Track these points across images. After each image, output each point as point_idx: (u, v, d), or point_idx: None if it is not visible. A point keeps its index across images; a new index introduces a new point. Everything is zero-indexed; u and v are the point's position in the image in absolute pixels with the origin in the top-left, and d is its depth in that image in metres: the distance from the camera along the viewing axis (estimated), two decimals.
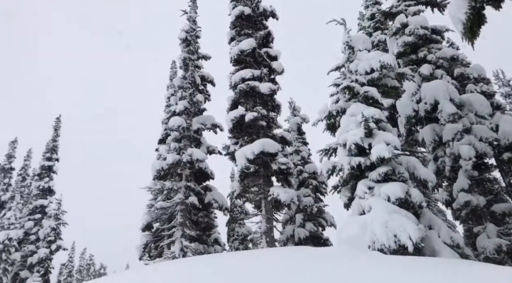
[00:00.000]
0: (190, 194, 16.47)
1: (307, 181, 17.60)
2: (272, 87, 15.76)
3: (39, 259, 23.93)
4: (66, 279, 39.35)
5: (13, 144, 30.50)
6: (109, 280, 10.09)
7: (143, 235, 17.19)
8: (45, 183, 26.88)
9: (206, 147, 18.20)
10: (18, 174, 31.02)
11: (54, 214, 25.72)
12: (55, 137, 28.14)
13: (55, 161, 27.85)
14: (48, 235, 24.95)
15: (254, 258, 7.71)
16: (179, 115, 17.30)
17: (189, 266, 8.47)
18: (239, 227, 21.27)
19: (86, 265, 49.50)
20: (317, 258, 6.87)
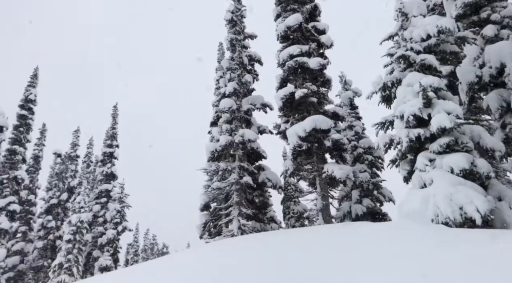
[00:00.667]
0: (244, 174, 16.73)
1: (362, 157, 17.19)
2: (322, 61, 15.39)
3: (107, 239, 25.68)
4: (133, 258, 42.07)
5: (76, 133, 32.53)
6: (172, 258, 10.62)
7: (202, 215, 17.79)
8: (108, 169, 28.54)
9: (256, 127, 18.30)
10: (83, 161, 33.14)
11: (118, 197, 27.34)
12: (114, 125, 29.62)
13: (115, 147, 29.41)
14: (114, 217, 26.64)
15: (320, 233, 7.72)
16: (229, 97, 17.47)
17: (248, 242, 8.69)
18: (294, 205, 21.37)
19: (150, 244, 52.48)
20: (380, 232, 6.74)
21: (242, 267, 6.18)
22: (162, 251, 53.87)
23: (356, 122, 18.24)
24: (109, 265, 24.46)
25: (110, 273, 14.50)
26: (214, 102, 19.98)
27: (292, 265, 5.57)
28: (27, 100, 24.51)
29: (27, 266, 26.84)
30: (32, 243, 27.91)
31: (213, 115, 19.75)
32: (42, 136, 30.68)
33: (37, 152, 30.02)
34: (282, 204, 21.97)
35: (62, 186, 30.16)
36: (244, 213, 16.24)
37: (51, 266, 22.11)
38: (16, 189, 24.06)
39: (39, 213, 29.32)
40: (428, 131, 9.24)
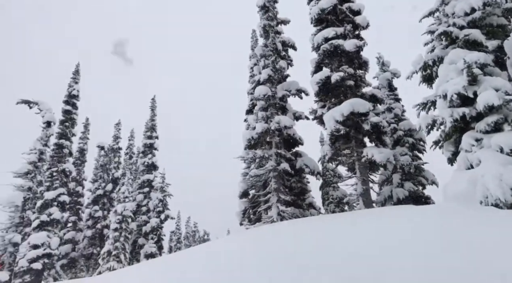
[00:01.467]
0: (281, 160, 16.73)
1: (402, 139, 16.71)
2: (358, 43, 14.97)
3: (151, 227, 26.60)
4: (176, 245, 43.49)
5: (117, 126, 33.72)
6: (215, 244, 10.85)
7: (241, 202, 18.02)
8: (149, 159, 29.43)
9: (292, 114, 18.19)
10: (125, 153, 34.35)
11: (160, 187, 28.18)
12: (153, 117, 30.40)
13: (155, 138, 30.23)
14: (156, 206, 27.51)
15: (360, 217, 7.63)
16: (264, 84, 17.42)
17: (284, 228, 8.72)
18: (333, 191, 21.19)
19: (192, 232, 53.96)
20: (424, 215, 6.56)
21: (282, 251, 6.22)
22: (203, 238, 55.25)
23: (395, 104, 17.71)
24: (153, 252, 25.37)
25: (158, 258, 15.05)
26: (249, 90, 20.00)
27: (331, 250, 5.54)
28: (70, 95, 25.55)
29: (79, 253, 28.36)
30: (82, 232, 29.42)
31: (248, 103, 19.81)
32: (86, 130, 32.01)
33: (82, 145, 31.37)
34: (321, 190, 21.83)
35: (106, 177, 31.48)
36: (283, 199, 16.28)
37: (100, 254, 23.21)
38: (64, 181, 25.24)
39: (87, 203, 30.80)
40: (474, 110, 8.83)
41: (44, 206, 23.33)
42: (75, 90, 25.92)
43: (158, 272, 7.71)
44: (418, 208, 7.86)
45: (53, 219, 23.20)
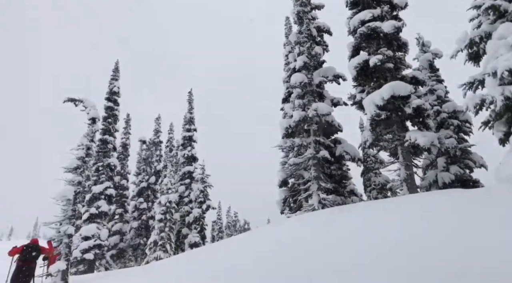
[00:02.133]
0: (320, 148, 16.56)
1: (446, 122, 16.06)
2: (396, 24, 14.44)
3: (194, 218, 27.26)
4: (218, 235, 44.40)
5: (157, 120, 34.66)
6: (258, 232, 10.96)
7: (281, 191, 18.06)
8: (188, 152, 30.06)
9: (330, 100, 17.91)
10: (166, 146, 35.26)
11: (200, 178, 28.75)
12: (190, 110, 30.95)
13: (193, 131, 30.81)
14: (198, 196, 28.13)
15: (404, 203, 7.45)
16: (299, 71, 17.24)
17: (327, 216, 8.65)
18: (375, 177, 20.77)
19: (232, 221, 54.87)
20: (476, 199, 6.29)
21: (326, 238, 6.19)
22: (244, 227, 56.04)
23: (437, 86, 17.01)
24: (197, 241, 26.03)
25: (205, 247, 15.41)
26: (284, 78, 19.87)
27: (373, 236, 5.44)
28: (111, 92, 26.48)
29: (126, 244, 29.60)
30: (128, 223, 30.65)
31: (284, 91, 19.69)
32: (127, 125, 33.10)
33: (124, 140, 32.50)
34: (362, 177, 21.47)
35: (149, 170, 32.51)
36: (323, 187, 16.16)
37: (147, 244, 24.10)
38: (110, 175, 26.30)
39: (132, 196, 32.00)
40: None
41: (93, 200, 24.49)
42: (115, 87, 26.82)
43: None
44: (468, 192, 7.55)
45: (102, 212, 24.31)
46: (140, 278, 9.87)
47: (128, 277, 11.38)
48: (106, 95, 26.41)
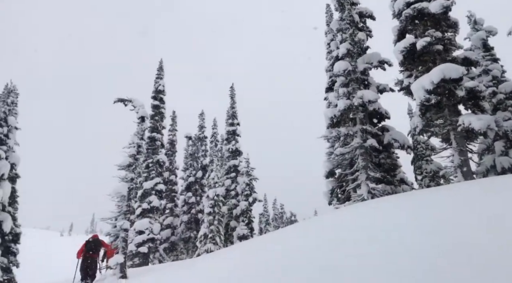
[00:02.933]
0: (367, 137, 16.17)
1: (504, 103, 15.09)
2: (444, 3, 13.70)
3: (241, 210, 27.63)
4: (265, 227, 44.78)
5: (201, 116, 35.34)
6: (304, 224, 10.89)
7: (328, 182, 17.87)
8: (233, 146, 30.44)
9: (375, 87, 17.40)
10: (210, 141, 35.92)
11: (245, 171, 29.04)
12: (233, 104, 31.25)
13: (236, 125, 31.12)
14: (244, 190, 28.45)
15: (458, 191, 7.11)
16: (343, 59, 16.88)
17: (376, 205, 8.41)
18: (426, 164, 19.96)
19: (279, 213, 55.08)
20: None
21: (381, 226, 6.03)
22: (291, 219, 56.07)
23: (492, 65, 16.01)
24: (245, 233, 26.38)
25: (253, 239, 15.60)
26: (327, 67, 19.53)
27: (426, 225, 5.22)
28: (157, 91, 27.29)
29: (177, 237, 30.57)
30: (178, 217, 31.61)
31: (327, 80, 19.38)
32: (174, 122, 33.98)
33: (171, 137, 33.42)
34: (413, 164, 20.72)
35: (196, 165, 33.27)
36: (372, 176, 15.78)
37: (198, 237, 24.76)
38: (159, 171, 27.20)
39: (181, 190, 32.94)
40: None
41: (144, 195, 25.47)
42: (160, 86, 27.60)
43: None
44: None
45: (153, 207, 25.24)
46: (193, 269, 10.16)
47: (181, 268, 11.75)
48: (152, 93, 27.24)
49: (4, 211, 19.70)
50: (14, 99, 22.13)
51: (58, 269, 38.72)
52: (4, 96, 21.79)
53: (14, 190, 21.50)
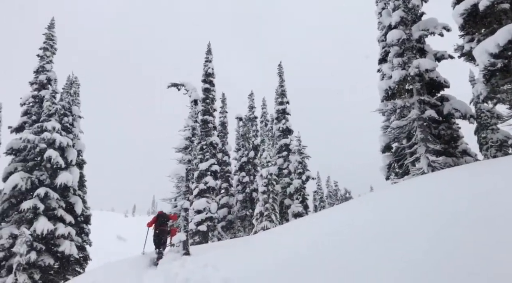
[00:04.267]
0: (426, 107, 15.45)
1: None
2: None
3: (295, 189, 27.75)
4: (320, 204, 44.73)
5: (250, 96, 35.53)
6: (366, 199, 10.74)
7: (384, 156, 17.39)
8: (283, 125, 30.41)
9: (433, 55, 16.47)
10: (260, 121, 36.14)
11: (297, 149, 28.96)
12: (281, 83, 31.05)
13: (286, 104, 30.96)
14: (296, 168, 28.46)
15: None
16: (396, 28, 16.08)
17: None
18: (492, 133, 18.73)
19: (333, 190, 54.66)
20: None
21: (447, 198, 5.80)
22: (345, 196, 55.46)
23: None
24: (300, 211, 26.53)
25: (307, 217, 15.70)
26: (379, 37, 18.71)
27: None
28: (207, 74, 27.68)
29: (234, 216, 31.44)
30: (234, 196, 32.41)
31: (380, 51, 18.61)
32: (224, 104, 34.48)
33: (222, 119, 34.01)
34: (476, 134, 19.53)
35: (247, 145, 33.71)
36: (432, 149, 15.12)
37: (254, 215, 25.29)
38: (213, 152, 27.84)
39: (234, 171, 33.65)
40: None
41: (200, 176, 26.29)
42: (210, 69, 27.96)
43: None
44: None
45: (209, 187, 26.01)
46: (252, 245, 10.45)
47: (241, 245, 12.11)
48: (202, 77, 27.69)
49: (75, 195, 21.25)
50: (76, 90, 23.52)
51: (124, 248, 41.39)
52: (67, 87, 23.21)
53: (82, 175, 23.10)
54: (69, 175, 20.14)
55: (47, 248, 18.96)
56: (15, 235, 18.07)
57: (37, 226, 18.13)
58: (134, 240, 23.63)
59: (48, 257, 18.63)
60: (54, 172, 20.10)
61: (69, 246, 19.27)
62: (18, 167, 19.72)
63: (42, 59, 22.59)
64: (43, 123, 20.30)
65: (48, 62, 22.67)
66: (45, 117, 20.47)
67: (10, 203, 19.11)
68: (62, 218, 19.55)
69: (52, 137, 19.86)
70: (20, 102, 21.93)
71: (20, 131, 21.25)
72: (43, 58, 22.60)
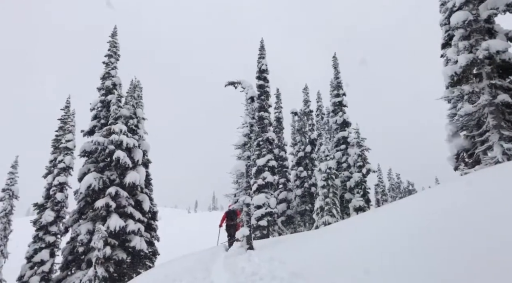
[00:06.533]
0: (498, 92, 14.35)
1: None
2: None
3: (355, 182, 27.11)
4: (382, 198, 43.32)
5: (305, 90, 35.22)
6: (428, 193, 10.22)
7: (451, 146, 16.42)
8: (340, 117, 29.81)
9: (504, 35, 15.22)
10: (316, 114, 35.70)
11: (356, 142, 28.25)
12: (337, 74, 30.43)
13: (342, 96, 30.31)
14: (356, 161, 27.78)
15: None
16: (461, 9, 15.10)
17: None
18: None
19: (395, 183, 52.68)
20: None
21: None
22: (408, 189, 53.24)
23: None
24: (361, 205, 25.89)
25: (370, 211, 15.30)
26: (441, 21, 17.66)
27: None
28: (261, 70, 27.83)
29: (293, 211, 31.42)
30: (292, 191, 32.38)
31: (443, 35, 17.57)
32: (278, 99, 34.48)
33: (277, 114, 34.02)
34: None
35: (304, 140, 33.48)
36: (507, 136, 14.03)
37: (314, 210, 25.11)
38: (270, 148, 27.97)
39: (291, 166, 33.59)
40: None
41: (259, 172, 26.54)
42: (263, 65, 28.08)
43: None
44: None
45: (267, 182, 26.19)
46: (315, 240, 10.36)
47: (308, 238, 12.06)
48: (257, 74, 27.89)
49: (142, 192, 22.41)
50: (139, 93, 24.76)
51: (190, 243, 42.98)
52: (131, 91, 24.49)
53: (147, 174, 24.30)
54: (136, 174, 21.27)
55: (119, 244, 20.20)
56: (91, 231, 19.45)
57: (110, 223, 19.37)
58: (198, 235, 24.47)
59: (121, 252, 19.85)
60: (122, 172, 21.33)
61: (139, 242, 20.38)
62: (91, 168, 21.19)
63: (108, 66, 24.03)
64: (111, 126, 21.60)
65: (113, 68, 24.07)
66: (112, 120, 21.76)
67: (86, 202, 20.60)
68: (131, 215, 20.72)
69: (120, 138, 21.08)
70: (90, 107, 23.52)
71: (91, 134, 22.81)
72: (108, 65, 24.04)
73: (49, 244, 23.00)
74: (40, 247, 22.72)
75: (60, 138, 26.36)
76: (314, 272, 7.27)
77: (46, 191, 24.58)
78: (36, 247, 22.72)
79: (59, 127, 27.02)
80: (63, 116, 26.99)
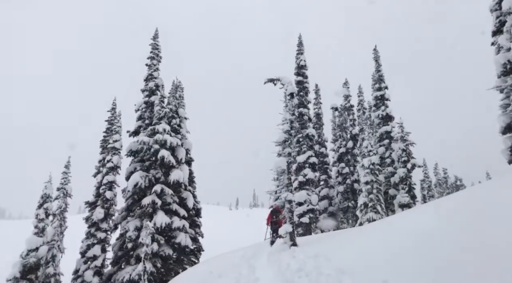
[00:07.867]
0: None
1: None
2: None
3: (399, 178, 26.28)
4: (428, 193, 41.74)
5: (345, 85, 34.58)
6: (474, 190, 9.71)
7: (505, 138, 15.54)
8: (382, 111, 28.96)
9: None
10: (357, 109, 34.93)
11: (400, 136, 27.37)
12: (378, 68, 29.57)
13: (384, 89, 29.43)
14: (400, 156, 26.92)
15: None
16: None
17: None
18: None
19: (442, 178, 50.59)
20: None
21: None
22: (456, 184, 50.91)
23: None
24: (407, 201, 25.07)
25: (414, 208, 14.81)
26: (491, 6, 16.69)
27: None
28: (299, 66, 27.64)
29: (335, 207, 30.98)
30: (334, 188, 31.93)
31: (493, 22, 16.59)
32: (317, 95, 34.09)
33: (317, 110, 33.65)
34: None
35: (345, 135, 32.90)
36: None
37: (357, 206, 24.62)
38: (310, 145, 27.74)
39: (332, 162, 33.12)
40: None
41: (299, 168, 26.39)
42: (302, 61, 27.86)
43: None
44: None
45: (308, 179, 25.98)
46: (360, 236, 10.15)
47: (353, 235, 11.86)
48: (295, 70, 27.72)
49: (186, 190, 22.95)
50: (181, 93, 25.33)
51: (233, 239, 43.50)
52: (173, 91, 25.11)
53: (190, 171, 24.83)
54: (180, 172, 21.80)
55: (166, 240, 20.81)
56: (139, 228, 20.17)
57: (157, 220, 19.99)
58: (241, 232, 24.74)
59: (167, 248, 20.44)
60: (167, 170, 21.94)
61: (184, 238, 20.90)
62: (137, 167, 21.95)
63: (150, 68, 24.78)
64: (155, 126, 22.27)
65: (155, 70, 24.79)
66: (156, 120, 22.42)
67: (133, 199, 21.38)
68: (176, 212, 21.27)
69: (163, 138, 21.68)
70: (135, 108, 24.36)
71: (137, 135, 23.62)
72: (151, 67, 24.78)
73: (101, 240, 24.08)
74: (92, 243, 23.84)
75: (107, 138, 27.48)
76: (360, 269, 7.15)
77: (96, 189, 25.74)
78: (88, 243, 23.86)
79: (106, 128, 28.17)
80: (110, 118, 28.10)
